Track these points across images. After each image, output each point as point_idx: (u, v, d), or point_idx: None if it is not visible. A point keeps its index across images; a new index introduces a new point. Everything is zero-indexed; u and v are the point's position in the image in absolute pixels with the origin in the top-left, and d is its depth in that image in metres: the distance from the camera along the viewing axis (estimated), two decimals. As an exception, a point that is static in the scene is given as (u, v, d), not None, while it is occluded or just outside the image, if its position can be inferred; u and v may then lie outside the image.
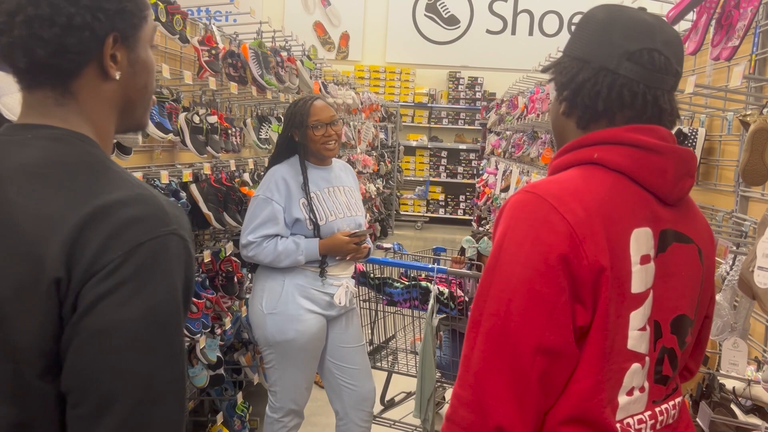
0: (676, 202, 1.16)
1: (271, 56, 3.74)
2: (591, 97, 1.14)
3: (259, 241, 2.57)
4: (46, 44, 0.89)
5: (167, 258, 0.88)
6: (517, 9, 11.57)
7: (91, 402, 0.84)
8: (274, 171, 2.67)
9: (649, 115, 1.13)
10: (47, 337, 0.84)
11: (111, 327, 0.84)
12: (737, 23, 1.94)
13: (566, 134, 1.21)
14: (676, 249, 1.14)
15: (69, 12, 0.89)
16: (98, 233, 0.84)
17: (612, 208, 1.07)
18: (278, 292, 2.61)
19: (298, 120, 2.65)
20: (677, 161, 1.13)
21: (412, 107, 11.58)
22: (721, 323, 2.01)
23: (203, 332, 3.03)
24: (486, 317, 1.05)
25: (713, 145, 2.73)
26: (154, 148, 3.08)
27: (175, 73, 3.04)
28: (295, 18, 11.49)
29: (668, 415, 1.18)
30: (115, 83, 0.97)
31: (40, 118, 0.94)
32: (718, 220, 2.57)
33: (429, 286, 3.05)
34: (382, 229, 9.30)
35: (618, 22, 1.13)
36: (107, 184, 0.89)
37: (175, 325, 0.89)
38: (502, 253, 1.06)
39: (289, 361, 2.65)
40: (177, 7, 2.71)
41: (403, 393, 3.81)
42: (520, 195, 1.09)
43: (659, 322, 1.12)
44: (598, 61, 1.13)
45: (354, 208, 2.77)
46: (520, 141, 6.63)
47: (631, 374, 1.09)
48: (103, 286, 0.83)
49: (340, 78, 6.94)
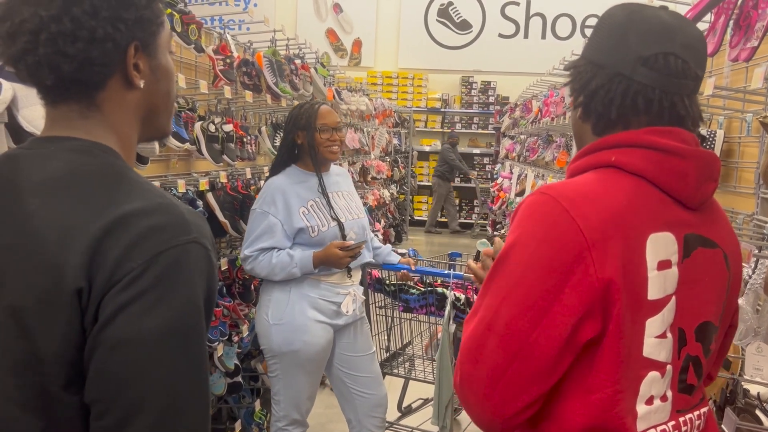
0: (698, 206, 1.12)
1: (285, 64, 3.75)
2: (604, 104, 1.11)
3: (255, 254, 2.56)
4: (72, 59, 0.90)
5: (188, 267, 0.87)
6: (529, 12, 11.55)
7: (115, 413, 0.83)
8: (270, 183, 2.65)
9: (667, 121, 1.10)
10: (70, 347, 0.85)
11: (132, 337, 0.83)
12: (756, 24, 1.91)
13: (585, 138, 1.19)
14: (701, 254, 1.11)
15: (91, 25, 0.90)
16: (118, 243, 0.84)
17: (628, 213, 1.05)
18: (284, 302, 2.61)
19: (304, 122, 2.64)
20: (700, 164, 1.10)
21: (425, 112, 11.58)
22: (744, 328, 1.98)
23: (221, 340, 3.04)
24: (483, 308, 1.06)
25: (732, 146, 2.70)
26: (170, 157, 3.10)
27: (190, 83, 3.06)
28: (308, 25, 11.54)
29: (692, 425, 1.15)
30: (138, 92, 0.98)
31: (65, 131, 0.95)
32: (739, 222, 2.54)
33: (445, 292, 3.03)
34: (397, 235, 9.29)
35: (635, 24, 1.10)
36: (128, 193, 0.90)
37: (197, 335, 0.88)
38: (511, 250, 1.06)
39: (294, 371, 2.64)
40: (192, 17, 2.72)
41: (420, 399, 3.79)
42: (535, 196, 1.08)
43: (683, 329, 1.10)
44: (613, 67, 1.10)
45: (355, 211, 2.78)
46: (535, 145, 6.61)
47: (648, 383, 1.07)
48: (123, 296, 0.83)
49: (353, 84, 6.95)
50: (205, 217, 2.91)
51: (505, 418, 1.04)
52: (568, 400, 1.06)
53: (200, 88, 2.94)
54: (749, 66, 2.43)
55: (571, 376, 1.05)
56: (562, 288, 1.00)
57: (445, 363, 2.81)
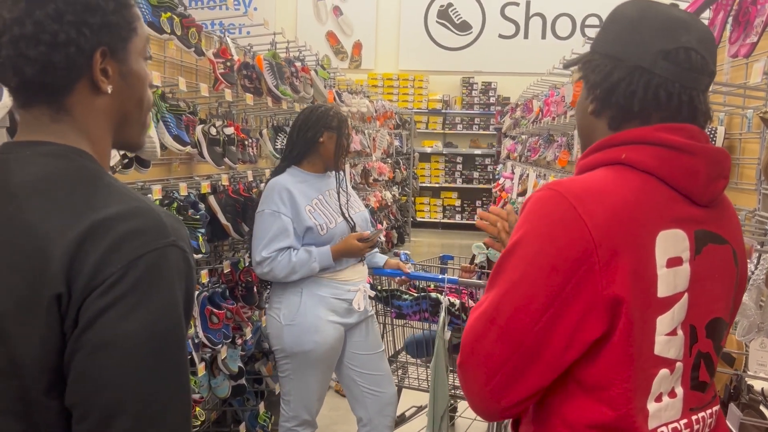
0: (709, 203, 1.12)
1: (286, 66, 3.76)
2: (626, 97, 1.10)
3: (273, 255, 2.56)
4: (33, 63, 0.90)
5: (167, 270, 0.88)
6: (529, 13, 11.55)
7: (95, 416, 0.84)
8: (275, 183, 2.64)
9: (685, 116, 1.10)
10: (50, 352, 0.85)
11: (112, 341, 0.84)
12: (755, 19, 1.91)
13: (594, 134, 1.17)
14: (712, 250, 1.11)
15: (53, 29, 0.89)
16: (97, 247, 0.84)
17: (637, 211, 1.04)
18: (296, 303, 2.61)
19: (336, 124, 2.69)
20: (709, 162, 1.09)
21: (426, 114, 11.59)
22: (747, 323, 1.98)
23: (224, 342, 3.05)
24: (488, 301, 1.07)
25: (733, 143, 2.70)
26: (172, 160, 3.11)
27: (191, 86, 3.07)
28: (308, 28, 11.56)
29: (704, 423, 1.14)
30: (108, 97, 0.97)
31: (38, 135, 0.94)
32: (741, 219, 2.54)
33: (439, 298, 2.94)
34: (399, 236, 9.29)
35: (650, 19, 1.10)
36: (105, 198, 0.89)
37: (177, 337, 0.89)
38: (517, 245, 1.06)
39: (306, 371, 2.65)
40: (192, 21, 2.73)
41: (414, 407, 3.70)
42: (543, 191, 1.08)
43: (695, 326, 1.09)
44: (633, 60, 1.09)
45: (356, 206, 2.85)
46: (536, 144, 6.60)
47: (659, 380, 1.06)
48: (103, 300, 0.84)
49: (354, 87, 6.96)
50: (207, 219, 2.92)
51: (502, 407, 1.06)
52: (577, 397, 1.06)
53: (201, 91, 2.94)
54: (749, 62, 2.43)
55: (581, 373, 1.05)
56: (565, 285, 1.00)
57: (440, 372, 2.71)
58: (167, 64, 3.03)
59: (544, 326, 1.01)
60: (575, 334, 1.01)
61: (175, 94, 2.89)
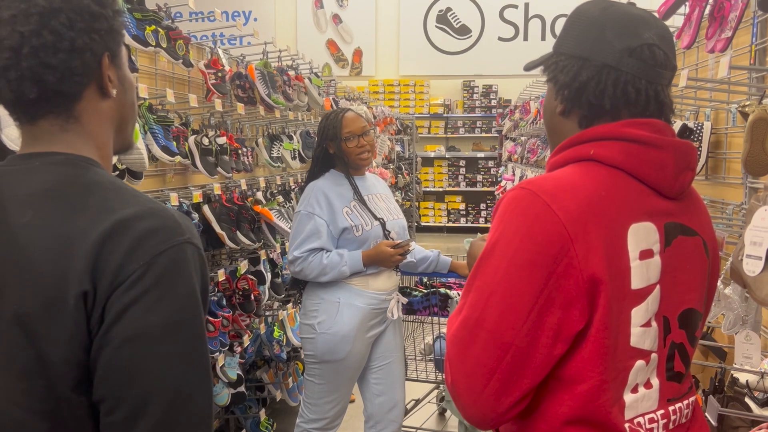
0: (677, 195, 1.14)
1: (278, 75, 3.79)
2: (596, 95, 1.12)
3: (305, 255, 2.61)
4: (55, 70, 0.94)
5: (185, 264, 0.93)
6: (528, 15, 11.58)
7: (126, 407, 0.88)
8: (313, 186, 2.72)
9: (652, 111, 1.12)
10: (78, 349, 0.89)
11: (139, 333, 0.88)
12: (729, 14, 1.93)
13: (563, 134, 1.19)
14: (682, 242, 1.13)
15: (70, 36, 0.94)
16: (119, 246, 0.89)
17: (608, 204, 1.06)
18: (334, 312, 2.64)
19: (332, 133, 2.72)
20: (677, 155, 1.11)
21: (427, 118, 11.62)
22: (732, 316, 1.98)
23: (221, 350, 3.07)
24: (467, 307, 1.07)
25: (720, 138, 2.70)
26: (166, 171, 3.14)
27: (181, 97, 3.10)
28: (308, 37, 11.63)
29: (681, 414, 1.16)
30: (111, 101, 1.02)
31: (46, 147, 0.98)
32: (729, 213, 2.54)
33: (448, 293, 3.07)
34: (404, 242, 9.29)
35: (612, 18, 1.12)
36: (121, 200, 0.94)
37: (198, 326, 0.94)
38: (494, 246, 1.07)
39: (334, 379, 2.70)
40: (179, 33, 2.77)
41: (413, 400, 3.74)
42: (515, 191, 1.09)
43: (668, 317, 1.11)
44: (599, 58, 1.11)
45: (395, 212, 2.86)
46: (535, 146, 6.62)
47: (635, 372, 1.08)
48: (128, 296, 0.88)
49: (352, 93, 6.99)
50: (200, 229, 2.95)
51: (499, 413, 1.05)
52: (554, 392, 1.07)
53: (190, 102, 2.98)
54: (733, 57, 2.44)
55: (558, 367, 1.06)
56: (547, 282, 1.01)
57: None
58: (158, 76, 3.07)
59: (532, 324, 1.02)
60: (561, 327, 1.02)
61: (164, 106, 2.93)
